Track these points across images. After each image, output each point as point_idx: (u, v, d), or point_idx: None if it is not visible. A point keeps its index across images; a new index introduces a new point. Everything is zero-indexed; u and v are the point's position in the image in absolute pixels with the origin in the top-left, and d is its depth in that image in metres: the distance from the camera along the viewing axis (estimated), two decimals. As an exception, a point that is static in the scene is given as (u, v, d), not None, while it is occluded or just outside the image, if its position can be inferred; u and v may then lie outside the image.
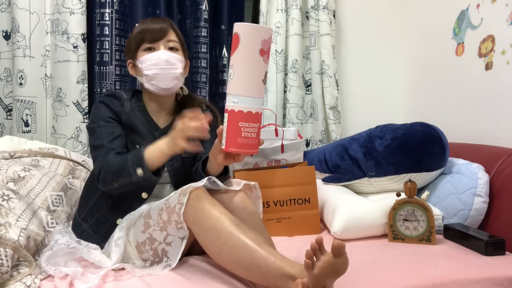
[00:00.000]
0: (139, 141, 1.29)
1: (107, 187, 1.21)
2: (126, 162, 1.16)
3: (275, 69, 2.17)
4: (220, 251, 1.05)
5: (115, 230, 1.21)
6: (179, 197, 1.11)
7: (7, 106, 1.93)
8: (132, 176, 1.15)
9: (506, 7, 1.67)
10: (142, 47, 1.29)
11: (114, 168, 1.17)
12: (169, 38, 1.30)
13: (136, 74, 1.36)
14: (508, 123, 1.66)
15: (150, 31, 1.29)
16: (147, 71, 1.27)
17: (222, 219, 1.07)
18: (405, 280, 1.09)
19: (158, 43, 1.29)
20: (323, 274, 0.88)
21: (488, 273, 1.11)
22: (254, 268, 0.99)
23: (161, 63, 1.27)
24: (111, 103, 1.30)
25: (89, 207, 1.29)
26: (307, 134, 2.27)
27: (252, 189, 1.35)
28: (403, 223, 1.41)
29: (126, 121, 1.30)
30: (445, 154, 1.57)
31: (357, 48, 2.38)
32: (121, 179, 1.17)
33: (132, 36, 1.33)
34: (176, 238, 1.13)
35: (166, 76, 1.28)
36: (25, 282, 1.03)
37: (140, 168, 1.14)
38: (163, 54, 1.27)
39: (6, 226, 1.10)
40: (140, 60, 1.29)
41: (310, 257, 0.90)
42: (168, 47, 1.30)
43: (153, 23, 1.30)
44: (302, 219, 1.55)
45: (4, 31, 1.89)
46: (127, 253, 1.18)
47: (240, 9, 2.15)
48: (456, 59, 1.97)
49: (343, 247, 0.88)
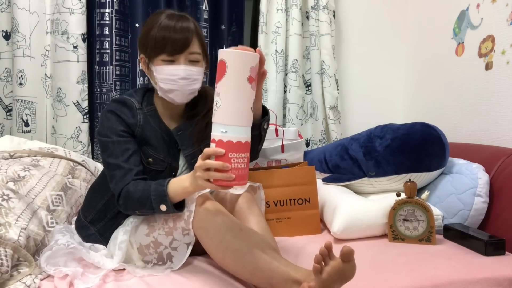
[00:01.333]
0: (153, 154, 1.22)
1: (128, 212, 1.18)
2: (148, 195, 1.10)
3: (275, 69, 2.17)
4: (223, 255, 1.05)
5: (119, 231, 1.20)
6: (186, 204, 1.12)
7: (7, 106, 1.93)
8: (156, 210, 1.11)
9: (506, 7, 1.67)
10: (161, 57, 1.17)
11: (136, 198, 1.12)
12: (191, 50, 1.18)
13: (147, 73, 1.25)
14: (508, 123, 1.66)
15: (172, 42, 1.15)
16: (163, 84, 1.18)
17: (226, 224, 1.07)
18: (405, 280, 1.09)
19: (178, 56, 1.17)
20: (331, 279, 0.89)
21: (488, 273, 1.11)
22: (258, 273, 0.99)
23: (179, 80, 1.17)
24: (123, 114, 1.20)
25: (96, 211, 1.28)
26: (307, 134, 2.27)
27: (256, 190, 1.35)
28: (403, 223, 1.41)
29: (139, 134, 1.21)
30: (445, 154, 1.57)
31: (357, 48, 2.38)
32: (144, 211, 1.14)
33: (151, 35, 1.17)
34: (182, 244, 1.13)
35: (183, 92, 1.19)
36: (25, 282, 1.03)
37: (163, 204, 1.10)
38: (181, 71, 1.16)
39: (6, 226, 1.10)
40: (157, 69, 1.18)
41: (319, 261, 0.90)
42: (188, 60, 1.18)
43: (176, 31, 1.15)
44: (302, 219, 1.55)
45: (4, 31, 1.89)
46: (128, 254, 1.18)
47: (240, 9, 2.15)
48: (456, 59, 1.97)
49: (352, 253, 0.89)
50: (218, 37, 2.16)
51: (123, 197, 1.14)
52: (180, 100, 1.21)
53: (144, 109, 1.24)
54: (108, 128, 1.19)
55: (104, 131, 1.19)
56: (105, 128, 1.19)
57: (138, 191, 1.11)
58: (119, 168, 1.15)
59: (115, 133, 1.18)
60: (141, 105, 1.24)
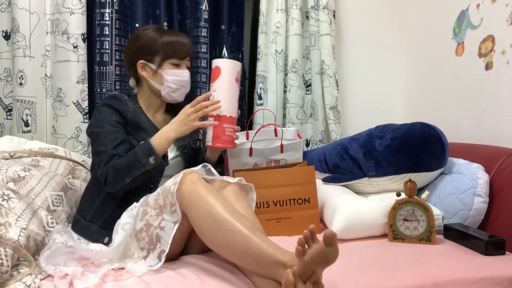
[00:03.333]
0: (145, 137, 1.33)
1: (118, 185, 1.25)
2: (136, 156, 1.24)
3: (275, 69, 2.17)
4: (215, 234, 1.07)
5: (123, 215, 1.24)
6: (174, 180, 1.15)
7: (7, 106, 1.93)
8: (146, 165, 1.24)
9: (506, 7, 1.67)
10: (171, 60, 1.38)
11: (124, 165, 1.24)
12: (189, 57, 1.43)
13: (147, 76, 1.40)
14: (508, 123, 1.66)
15: (183, 47, 1.40)
16: (173, 84, 1.39)
17: (218, 204, 1.09)
18: (405, 280, 1.09)
19: (184, 60, 1.41)
20: (313, 262, 0.90)
21: (488, 273, 1.11)
22: (247, 254, 1.02)
23: (185, 83, 1.41)
24: (114, 103, 1.34)
25: (95, 208, 1.31)
26: (307, 134, 2.27)
27: (248, 191, 1.35)
28: (403, 223, 1.41)
29: (131, 119, 1.35)
30: (445, 154, 1.57)
31: (357, 48, 2.38)
32: (134, 172, 1.24)
33: (159, 42, 1.37)
34: (169, 223, 1.14)
35: (184, 92, 1.43)
36: (25, 282, 1.03)
37: (152, 156, 1.24)
38: (187, 74, 1.41)
39: (6, 226, 1.10)
40: (167, 71, 1.38)
41: (302, 244, 0.91)
42: (187, 66, 1.43)
43: (183, 38, 1.41)
44: (302, 219, 1.55)
45: (4, 31, 1.89)
46: (128, 245, 1.19)
47: (240, 9, 2.15)
48: (456, 59, 1.97)
49: (334, 237, 0.90)
50: (218, 37, 2.16)
51: (110, 173, 1.24)
52: (179, 98, 1.44)
53: (133, 105, 1.40)
54: (101, 119, 1.31)
55: (97, 123, 1.32)
56: (97, 120, 1.32)
57: (124, 160, 1.25)
58: (106, 153, 1.27)
59: (107, 122, 1.30)
60: (130, 101, 1.40)
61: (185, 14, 2.11)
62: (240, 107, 2.19)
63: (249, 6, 2.28)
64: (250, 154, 1.71)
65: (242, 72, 1.46)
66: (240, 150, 1.70)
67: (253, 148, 1.71)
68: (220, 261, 1.17)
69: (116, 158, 1.26)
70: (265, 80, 2.18)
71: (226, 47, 2.16)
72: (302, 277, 0.91)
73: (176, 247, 1.21)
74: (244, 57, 2.20)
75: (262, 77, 2.18)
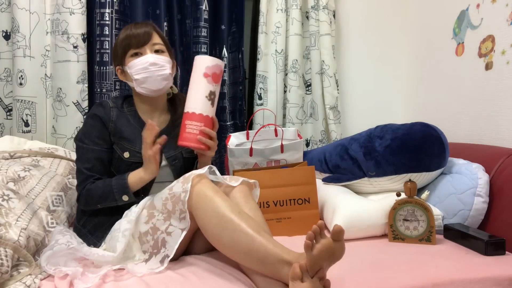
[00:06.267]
0: (128, 146, 1.33)
1: (89, 208, 1.31)
2: (111, 189, 1.26)
3: (275, 69, 2.17)
4: (220, 234, 1.08)
5: (122, 222, 1.23)
6: (183, 185, 1.14)
7: (7, 106, 1.93)
8: (118, 201, 1.27)
9: (506, 7, 1.67)
10: (129, 53, 1.34)
11: (99, 194, 1.27)
12: (154, 41, 1.34)
13: (126, 79, 1.39)
14: (508, 123, 1.66)
15: (135, 36, 1.32)
16: (137, 75, 1.32)
17: (225, 205, 1.10)
18: (405, 280, 1.09)
19: (144, 47, 1.33)
20: (321, 257, 0.91)
21: (488, 273, 1.11)
22: (252, 253, 1.02)
23: (149, 66, 1.31)
24: (99, 112, 1.34)
25: (87, 216, 1.34)
26: (307, 134, 2.27)
27: (252, 187, 1.36)
28: (403, 223, 1.41)
29: (113, 129, 1.34)
30: (445, 154, 1.57)
31: (357, 48, 2.38)
32: (106, 203, 1.28)
33: (117, 43, 1.36)
34: (177, 229, 1.14)
35: (155, 78, 1.32)
36: (25, 282, 1.03)
37: (125, 195, 1.26)
38: (150, 58, 1.31)
39: (6, 226, 1.10)
40: (129, 65, 1.33)
41: (311, 238, 0.92)
42: (154, 50, 1.34)
43: (136, 28, 1.34)
44: (302, 219, 1.55)
45: (4, 31, 1.89)
46: (129, 246, 1.19)
47: (240, 9, 2.15)
48: (456, 59, 1.97)
49: (342, 232, 0.91)
50: (218, 37, 2.16)
51: (84, 196, 1.29)
52: (155, 87, 1.33)
53: (125, 109, 1.39)
54: (84, 133, 1.34)
55: (80, 136, 1.34)
56: (82, 132, 1.34)
57: (99, 188, 1.27)
58: (82, 173, 1.31)
59: (88, 137, 1.32)
60: (117, 107, 1.38)
61: (185, 14, 2.10)
62: (240, 107, 2.20)
63: (249, 6, 2.28)
64: (250, 154, 1.72)
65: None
66: (240, 150, 1.70)
67: (253, 148, 1.71)
68: (221, 262, 1.17)
69: (91, 182, 1.29)
70: (265, 80, 2.18)
71: (226, 47, 2.16)
72: (310, 272, 0.92)
73: (179, 248, 1.21)
74: (244, 57, 2.20)
75: (262, 77, 2.18)
